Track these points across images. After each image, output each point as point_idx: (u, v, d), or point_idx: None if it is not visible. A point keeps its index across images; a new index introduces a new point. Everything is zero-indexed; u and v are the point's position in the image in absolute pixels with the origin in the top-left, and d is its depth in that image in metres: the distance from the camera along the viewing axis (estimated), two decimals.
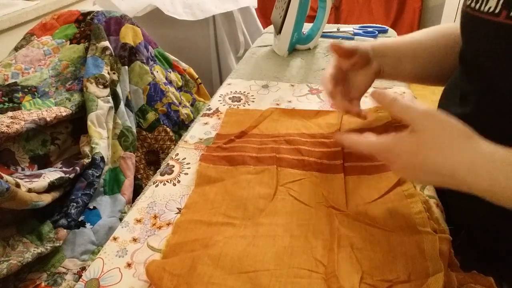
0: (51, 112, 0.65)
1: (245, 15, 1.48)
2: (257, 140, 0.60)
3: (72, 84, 0.74)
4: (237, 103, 0.74)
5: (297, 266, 0.38)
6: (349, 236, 0.41)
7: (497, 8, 0.39)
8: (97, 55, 0.76)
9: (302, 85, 0.81)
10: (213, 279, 0.37)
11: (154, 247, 0.45)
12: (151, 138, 0.81)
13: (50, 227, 0.56)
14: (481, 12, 0.42)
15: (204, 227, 0.46)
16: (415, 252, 0.39)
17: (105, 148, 0.67)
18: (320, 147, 0.58)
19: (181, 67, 0.97)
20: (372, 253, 0.38)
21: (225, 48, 1.41)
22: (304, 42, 0.99)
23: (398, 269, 0.37)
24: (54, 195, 0.57)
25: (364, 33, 1.06)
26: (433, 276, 0.35)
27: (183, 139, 0.65)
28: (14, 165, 0.61)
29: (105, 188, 0.66)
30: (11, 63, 0.73)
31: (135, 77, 0.81)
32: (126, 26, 0.82)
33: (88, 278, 0.41)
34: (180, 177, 0.56)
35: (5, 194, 0.46)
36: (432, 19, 2.73)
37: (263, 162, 0.55)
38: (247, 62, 0.95)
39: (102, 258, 0.44)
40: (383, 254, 0.38)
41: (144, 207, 0.51)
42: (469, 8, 0.45)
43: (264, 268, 0.38)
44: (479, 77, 0.45)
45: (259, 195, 0.50)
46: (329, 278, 0.37)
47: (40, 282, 0.51)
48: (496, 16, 0.39)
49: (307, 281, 0.37)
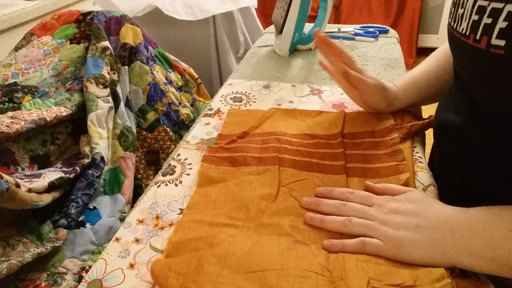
0: (51, 112, 0.65)
1: (245, 15, 1.47)
2: (259, 140, 0.60)
3: (72, 84, 0.74)
4: (239, 103, 0.74)
5: (304, 267, 0.38)
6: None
7: (467, 31, 0.40)
8: (97, 55, 0.75)
9: (303, 85, 0.81)
10: (220, 278, 0.37)
11: (157, 247, 0.45)
12: (151, 138, 0.81)
13: (50, 227, 0.56)
14: (457, 32, 0.42)
15: (206, 227, 0.46)
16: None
17: (105, 148, 0.67)
18: (322, 148, 0.58)
19: (181, 67, 0.96)
20: (377, 265, 0.39)
21: (225, 48, 1.41)
22: (305, 42, 0.99)
23: (404, 276, 0.37)
24: (54, 195, 0.57)
25: (365, 33, 1.06)
26: (439, 282, 0.36)
27: (185, 140, 0.64)
28: (14, 165, 0.61)
29: (105, 188, 0.65)
30: (11, 63, 0.73)
31: (135, 77, 0.80)
32: (126, 26, 0.82)
33: (91, 279, 0.41)
34: (182, 178, 0.55)
35: (5, 194, 0.46)
36: (432, 19, 2.73)
37: (265, 163, 0.55)
38: (248, 62, 0.94)
39: (104, 259, 0.43)
40: (387, 266, 0.39)
41: (146, 208, 0.51)
42: (450, 25, 0.46)
43: (271, 267, 0.38)
44: (465, 90, 0.46)
45: (261, 196, 0.50)
46: (337, 281, 0.37)
47: (40, 282, 0.51)
48: (467, 38, 0.40)
49: (315, 281, 0.37)
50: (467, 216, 0.41)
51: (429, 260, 0.39)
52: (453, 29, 0.44)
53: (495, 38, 0.35)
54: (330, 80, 0.83)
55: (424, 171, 0.53)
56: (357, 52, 0.97)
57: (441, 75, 0.62)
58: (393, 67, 0.87)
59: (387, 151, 0.56)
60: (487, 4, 0.37)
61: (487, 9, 0.36)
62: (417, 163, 0.55)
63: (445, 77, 0.61)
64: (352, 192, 0.48)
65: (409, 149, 0.57)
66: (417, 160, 0.56)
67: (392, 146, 0.56)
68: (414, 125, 0.60)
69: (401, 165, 0.53)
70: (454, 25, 0.44)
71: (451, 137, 0.51)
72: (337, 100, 0.74)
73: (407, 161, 0.53)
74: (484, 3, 0.37)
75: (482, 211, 0.41)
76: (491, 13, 0.36)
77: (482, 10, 0.37)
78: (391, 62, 0.90)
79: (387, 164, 0.54)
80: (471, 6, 0.39)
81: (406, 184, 0.50)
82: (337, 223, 0.44)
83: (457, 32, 0.43)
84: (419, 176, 0.52)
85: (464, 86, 0.46)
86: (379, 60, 0.91)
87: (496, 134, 0.41)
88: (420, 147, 0.59)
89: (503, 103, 0.38)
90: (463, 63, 0.45)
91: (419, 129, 0.60)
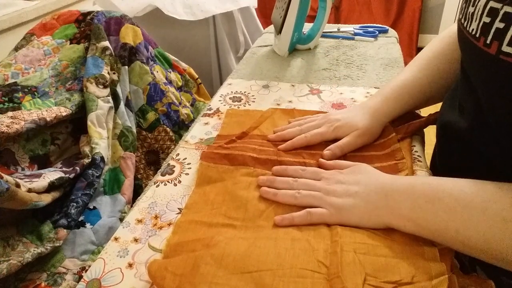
0: (51, 112, 0.65)
1: (245, 15, 1.47)
2: (258, 141, 0.60)
3: (72, 84, 0.74)
4: (238, 103, 0.74)
5: (300, 266, 0.38)
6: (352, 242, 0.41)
7: (477, 32, 0.38)
8: (97, 55, 0.75)
9: (302, 85, 0.81)
10: (216, 278, 0.37)
11: (155, 247, 0.45)
12: (151, 138, 0.81)
13: (50, 227, 0.56)
14: (467, 31, 0.41)
15: (204, 228, 0.46)
16: (417, 255, 0.39)
17: (105, 148, 0.67)
18: (321, 148, 0.58)
19: (181, 67, 0.96)
20: (375, 258, 0.39)
21: (225, 48, 1.41)
22: (305, 42, 0.99)
23: (401, 272, 0.37)
24: (54, 195, 0.57)
25: (364, 33, 1.06)
26: (437, 278, 0.35)
27: (184, 139, 0.65)
28: (14, 165, 0.61)
29: (105, 188, 0.65)
30: (11, 63, 0.73)
31: (135, 77, 0.81)
32: (126, 26, 0.82)
33: (89, 279, 0.41)
34: (181, 177, 0.55)
35: (5, 194, 0.46)
36: (432, 19, 2.73)
37: (264, 165, 0.55)
38: (248, 62, 0.95)
39: (103, 258, 0.44)
40: (386, 258, 0.39)
41: (145, 207, 0.51)
42: (460, 22, 0.44)
43: (267, 268, 0.38)
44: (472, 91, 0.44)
45: (259, 196, 0.50)
46: (332, 278, 0.37)
47: (40, 282, 0.51)
48: (477, 40, 0.39)
49: (310, 281, 0.37)
50: (401, 182, 0.44)
51: (366, 222, 0.43)
52: (463, 27, 0.43)
53: (506, 45, 0.34)
54: (329, 80, 0.83)
55: (423, 170, 0.53)
56: (357, 52, 0.97)
57: (434, 79, 0.59)
58: (393, 67, 0.88)
59: (386, 151, 0.56)
60: (500, 7, 0.35)
61: (500, 13, 0.35)
62: (416, 162, 0.55)
63: (439, 81, 0.59)
64: (304, 169, 0.52)
65: (407, 148, 0.57)
66: (416, 159, 0.56)
67: (390, 146, 0.57)
68: (412, 124, 0.60)
69: (400, 163, 0.53)
70: (464, 23, 0.42)
71: (453, 139, 0.51)
72: (337, 100, 0.74)
73: (405, 160, 0.53)
74: (497, 5, 0.35)
75: (416, 179, 0.47)
76: (504, 18, 0.34)
77: (494, 13, 0.35)
78: (390, 62, 0.90)
79: (387, 163, 0.54)
80: (482, 6, 0.37)
81: None
82: (288, 196, 0.48)
83: (466, 31, 0.41)
84: (418, 175, 0.52)
85: (470, 87, 0.45)
86: (379, 60, 0.91)
87: (499, 140, 0.40)
88: (419, 146, 0.59)
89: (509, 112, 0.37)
90: (471, 63, 0.43)
91: (417, 128, 0.60)
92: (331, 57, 0.94)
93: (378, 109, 0.59)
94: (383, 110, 0.59)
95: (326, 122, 0.60)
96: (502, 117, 0.39)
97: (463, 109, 0.48)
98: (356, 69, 0.87)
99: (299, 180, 0.50)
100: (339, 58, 0.93)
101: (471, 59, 0.43)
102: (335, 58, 0.93)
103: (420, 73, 0.60)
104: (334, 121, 0.59)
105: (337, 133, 0.58)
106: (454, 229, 0.37)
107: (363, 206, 0.44)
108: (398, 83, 0.61)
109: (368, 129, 0.58)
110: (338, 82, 0.82)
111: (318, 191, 0.48)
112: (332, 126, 0.59)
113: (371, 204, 0.44)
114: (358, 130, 0.57)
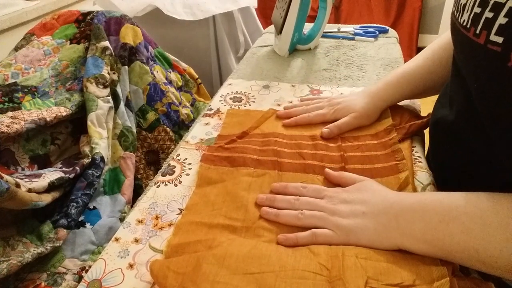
0: (51, 112, 0.65)
1: (245, 15, 1.47)
2: (259, 142, 0.60)
3: (72, 84, 0.74)
4: (238, 103, 0.74)
5: (302, 268, 0.38)
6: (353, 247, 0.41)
7: (468, 23, 0.39)
8: (97, 55, 0.75)
9: (303, 86, 0.81)
10: (218, 278, 0.37)
11: (156, 248, 0.45)
12: (151, 138, 0.81)
13: (50, 227, 0.56)
14: (459, 22, 0.41)
15: (205, 229, 0.46)
16: (418, 259, 0.39)
17: (105, 148, 0.67)
18: (322, 149, 0.58)
19: (181, 67, 0.96)
20: (377, 262, 0.39)
21: (225, 48, 1.41)
22: (305, 42, 0.99)
23: (403, 275, 0.37)
24: (54, 195, 0.57)
25: (364, 33, 1.06)
26: (438, 281, 0.35)
27: (184, 140, 0.65)
28: (14, 165, 0.61)
29: (105, 188, 0.65)
30: (11, 63, 0.73)
31: (135, 77, 0.80)
32: (126, 26, 0.82)
33: (90, 279, 0.41)
34: (181, 178, 0.55)
35: (5, 194, 0.46)
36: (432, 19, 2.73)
37: (264, 166, 0.55)
38: (248, 62, 0.94)
39: (104, 259, 0.44)
40: (387, 263, 0.39)
41: (145, 208, 0.51)
42: (453, 14, 0.45)
43: (269, 269, 0.38)
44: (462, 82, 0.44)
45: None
46: (334, 281, 0.37)
47: (40, 282, 0.51)
48: (467, 31, 0.39)
49: (312, 283, 0.37)
50: (410, 201, 0.42)
51: (377, 244, 0.41)
52: (455, 19, 0.43)
53: (494, 34, 0.34)
54: (329, 80, 0.83)
55: (423, 171, 0.53)
56: (357, 52, 0.97)
57: (436, 69, 0.61)
58: (393, 67, 0.88)
59: (386, 151, 0.56)
60: None
61: (490, 3, 0.35)
62: (416, 163, 0.55)
63: (440, 71, 0.60)
64: (305, 187, 0.50)
65: (408, 148, 0.57)
66: (416, 160, 0.56)
67: (391, 146, 0.57)
68: (413, 125, 0.60)
69: (400, 164, 0.53)
70: (456, 14, 0.42)
71: (443, 133, 0.51)
72: None
73: (406, 160, 0.53)
74: None
75: (425, 196, 0.44)
76: (493, 7, 0.34)
77: (484, 3, 0.36)
78: (390, 62, 0.90)
79: (387, 164, 0.54)
80: None
81: (406, 182, 0.50)
82: (291, 217, 0.46)
83: (458, 23, 0.41)
84: (418, 176, 0.52)
85: (461, 81, 0.45)
86: (379, 60, 0.91)
87: (486, 131, 0.40)
88: (419, 147, 0.59)
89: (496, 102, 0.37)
90: (462, 54, 0.43)
91: (418, 128, 0.60)
92: (331, 57, 0.94)
93: (377, 94, 0.64)
94: (381, 95, 0.63)
95: (329, 105, 0.66)
96: (490, 108, 0.39)
97: (452, 102, 0.48)
98: (357, 69, 0.87)
99: (301, 199, 0.48)
100: (340, 58, 0.93)
101: (462, 50, 0.43)
102: (335, 58, 0.93)
103: (423, 62, 0.63)
104: (335, 104, 0.66)
105: (337, 115, 0.64)
106: (474, 249, 0.36)
107: (372, 228, 0.41)
108: (400, 71, 0.64)
109: (365, 112, 0.62)
110: (338, 83, 0.82)
111: (321, 211, 0.45)
112: (333, 109, 0.65)
113: (381, 226, 0.41)
114: (356, 112, 0.62)
